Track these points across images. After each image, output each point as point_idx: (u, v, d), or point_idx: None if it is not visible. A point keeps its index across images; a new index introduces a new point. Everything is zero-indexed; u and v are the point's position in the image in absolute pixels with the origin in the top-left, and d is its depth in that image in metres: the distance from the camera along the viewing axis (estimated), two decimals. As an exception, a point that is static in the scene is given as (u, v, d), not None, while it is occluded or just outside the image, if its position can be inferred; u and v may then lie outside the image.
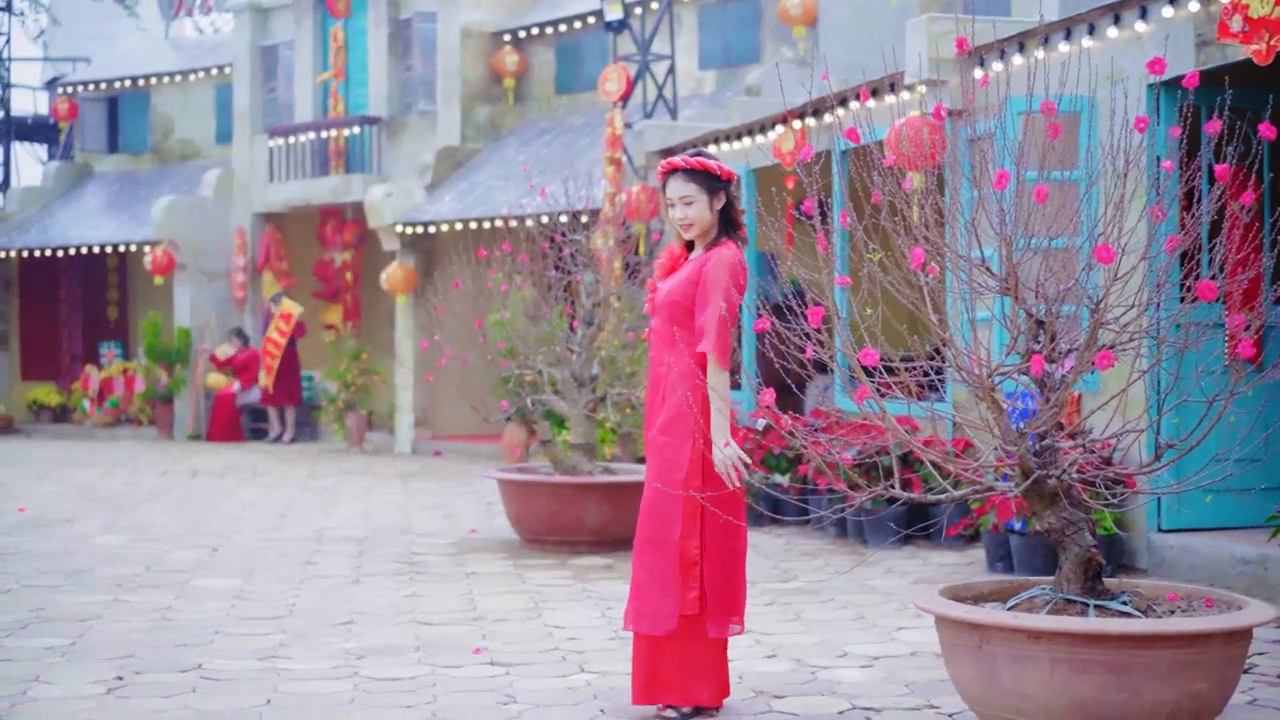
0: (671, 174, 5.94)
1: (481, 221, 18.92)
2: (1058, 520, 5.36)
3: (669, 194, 5.94)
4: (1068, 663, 5.00)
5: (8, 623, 7.90)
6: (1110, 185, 5.45)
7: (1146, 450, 7.53)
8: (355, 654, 7.12)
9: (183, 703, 6.16)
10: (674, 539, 5.76)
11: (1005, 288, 5.40)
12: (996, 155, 5.47)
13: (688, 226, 5.93)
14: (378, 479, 16.51)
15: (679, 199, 5.91)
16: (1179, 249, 5.26)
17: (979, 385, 5.18)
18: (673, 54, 17.81)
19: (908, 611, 8.13)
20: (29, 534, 11.54)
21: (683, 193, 5.91)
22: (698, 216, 5.91)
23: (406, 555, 10.44)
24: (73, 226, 25.43)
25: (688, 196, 5.90)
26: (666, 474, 5.78)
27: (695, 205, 5.89)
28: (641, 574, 5.81)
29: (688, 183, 5.91)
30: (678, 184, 5.92)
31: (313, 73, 23.30)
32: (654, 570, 5.77)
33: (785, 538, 11.15)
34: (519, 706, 6.10)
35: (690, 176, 5.91)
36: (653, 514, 5.82)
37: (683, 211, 5.91)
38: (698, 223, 5.92)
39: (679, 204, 5.91)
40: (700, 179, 5.90)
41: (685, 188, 5.91)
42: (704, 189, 5.90)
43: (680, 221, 5.93)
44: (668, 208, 5.98)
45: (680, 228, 5.96)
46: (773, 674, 6.65)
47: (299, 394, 22.95)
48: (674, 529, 5.76)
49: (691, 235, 5.97)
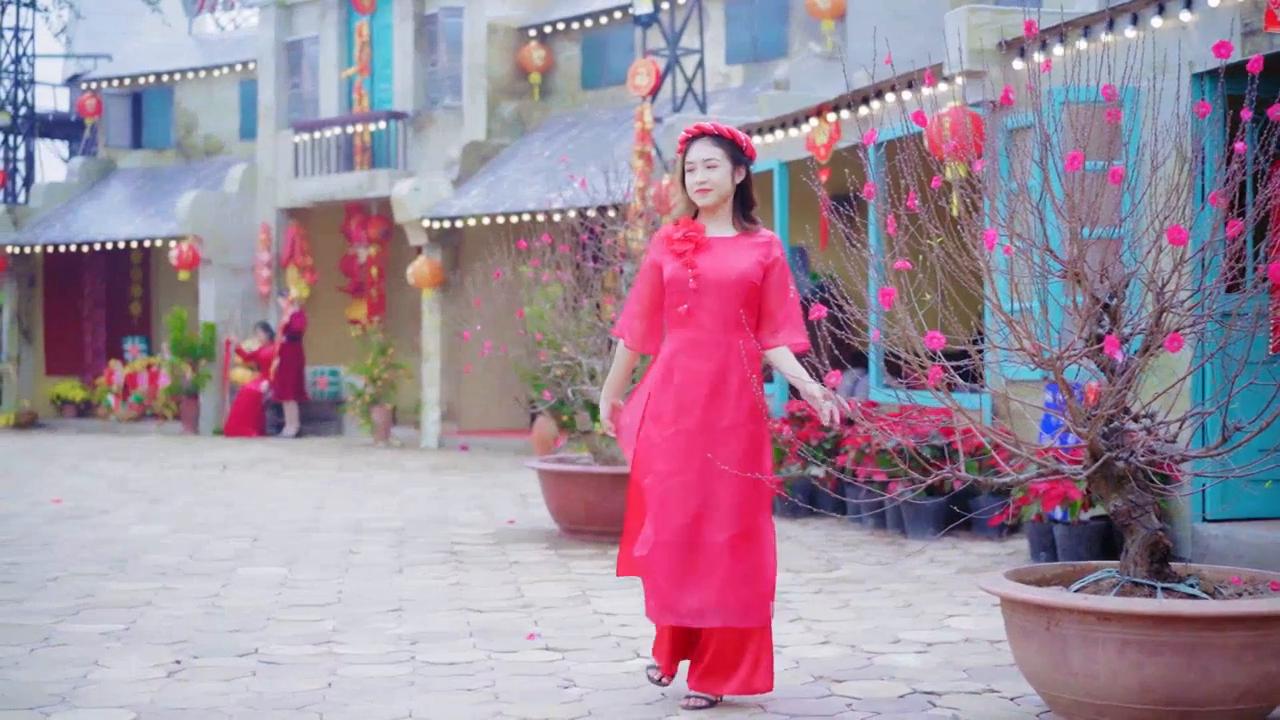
0: (697, 138, 5.78)
1: (509, 216, 18.95)
2: (1124, 503, 5.37)
3: (691, 157, 5.75)
4: (1138, 644, 5.01)
5: (59, 609, 7.94)
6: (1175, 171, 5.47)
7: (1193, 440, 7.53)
8: (409, 639, 7.14)
9: (244, 686, 6.18)
10: (767, 529, 5.73)
11: (1071, 271, 5.41)
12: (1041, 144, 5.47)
13: (705, 190, 5.72)
14: (407, 472, 16.54)
15: (702, 161, 5.72)
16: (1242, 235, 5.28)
17: (1049, 368, 5.18)
18: (702, 47, 17.82)
19: (955, 599, 8.14)
20: (68, 524, 11.58)
21: (707, 155, 5.72)
22: (719, 182, 5.72)
23: (447, 545, 10.47)
24: (97, 222, 25.50)
25: (712, 160, 5.72)
26: (756, 462, 5.70)
27: (718, 170, 5.72)
28: (739, 567, 5.64)
29: (714, 147, 5.74)
30: (703, 147, 5.74)
31: (338, 68, 23.34)
32: (751, 563, 5.66)
33: (823, 529, 11.16)
34: (579, 690, 6.11)
35: (717, 141, 5.76)
36: (746, 506, 5.67)
37: (704, 175, 5.71)
38: (717, 189, 5.73)
39: (700, 167, 5.72)
40: (727, 146, 5.76)
41: (711, 151, 5.73)
42: (729, 157, 5.75)
43: (699, 185, 5.72)
44: (685, 172, 5.76)
45: (697, 191, 5.73)
46: (828, 659, 6.66)
47: (302, 388, 23.00)
48: (766, 518, 5.74)
49: (708, 200, 5.74)
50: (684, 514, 5.65)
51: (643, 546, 5.71)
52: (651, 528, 5.69)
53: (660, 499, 5.69)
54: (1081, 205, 5.37)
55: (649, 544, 5.68)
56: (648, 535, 5.70)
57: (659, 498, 5.69)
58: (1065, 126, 5.57)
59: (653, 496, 5.70)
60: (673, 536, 5.65)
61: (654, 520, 5.69)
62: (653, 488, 5.71)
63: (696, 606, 5.63)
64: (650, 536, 5.69)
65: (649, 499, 5.73)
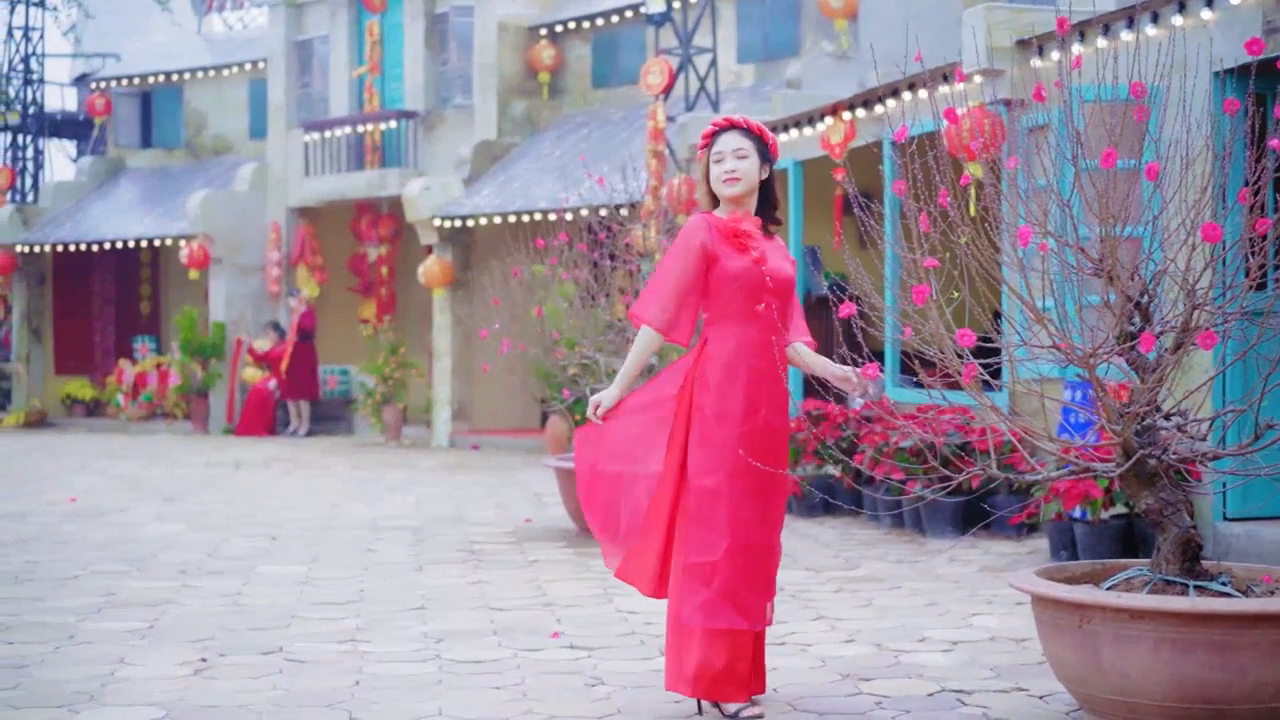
0: (725, 130, 5.72)
1: (520, 215, 18.94)
2: (1156, 501, 5.36)
3: (721, 147, 5.67)
4: (1172, 642, 4.99)
5: (81, 606, 7.94)
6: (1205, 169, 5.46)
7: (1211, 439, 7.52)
8: (434, 637, 7.14)
9: (272, 683, 6.18)
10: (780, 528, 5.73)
11: (1102, 269, 5.40)
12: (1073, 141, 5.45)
13: (735, 180, 5.65)
14: (420, 471, 16.55)
15: (732, 152, 5.66)
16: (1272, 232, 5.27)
17: (1083, 366, 5.17)
18: (714, 46, 17.82)
19: (978, 598, 8.13)
20: (85, 522, 11.59)
21: (738, 145, 5.66)
22: (748, 172, 5.66)
23: (465, 543, 10.47)
24: (106, 221, 25.51)
25: (743, 150, 5.67)
26: (784, 459, 5.71)
27: (748, 160, 5.66)
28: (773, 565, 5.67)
29: (745, 138, 5.71)
30: (735, 137, 5.68)
31: (348, 67, 23.35)
32: (771, 566, 5.66)
33: (839, 528, 11.15)
34: (607, 688, 6.11)
35: (747, 135, 5.73)
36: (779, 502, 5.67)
37: (734, 164, 5.64)
38: (746, 179, 5.66)
39: (731, 157, 5.65)
40: (755, 140, 5.72)
41: (743, 141, 5.67)
42: (756, 150, 5.71)
43: (729, 175, 5.64)
44: (712, 163, 5.70)
45: (725, 180, 5.65)
46: (855, 658, 6.65)
47: (315, 388, 23.01)
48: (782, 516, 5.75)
49: (736, 190, 5.66)
50: (755, 516, 5.56)
51: (709, 552, 5.48)
52: (721, 532, 5.50)
53: (735, 500, 5.52)
54: (1113, 203, 5.36)
55: (720, 549, 5.48)
56: (713, 540, 5.49)
57: (733, 499, 5.51)
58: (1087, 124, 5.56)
59: (722, 499, 5.50)
60: (748, 540, 5.53)
61: (728, 523, 5.50)
62: (722, 490, 5.51)
63: (757, 609, 5.59)
64: (721, 541, 5.49)
65: (715, 501, 5.51)
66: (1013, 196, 5.76)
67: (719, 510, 5.51)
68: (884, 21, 17.66)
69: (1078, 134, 5.44)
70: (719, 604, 5.47)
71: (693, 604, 5.47)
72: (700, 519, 5.52)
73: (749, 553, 5.53)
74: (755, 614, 5.57)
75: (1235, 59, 8.35)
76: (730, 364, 5.59)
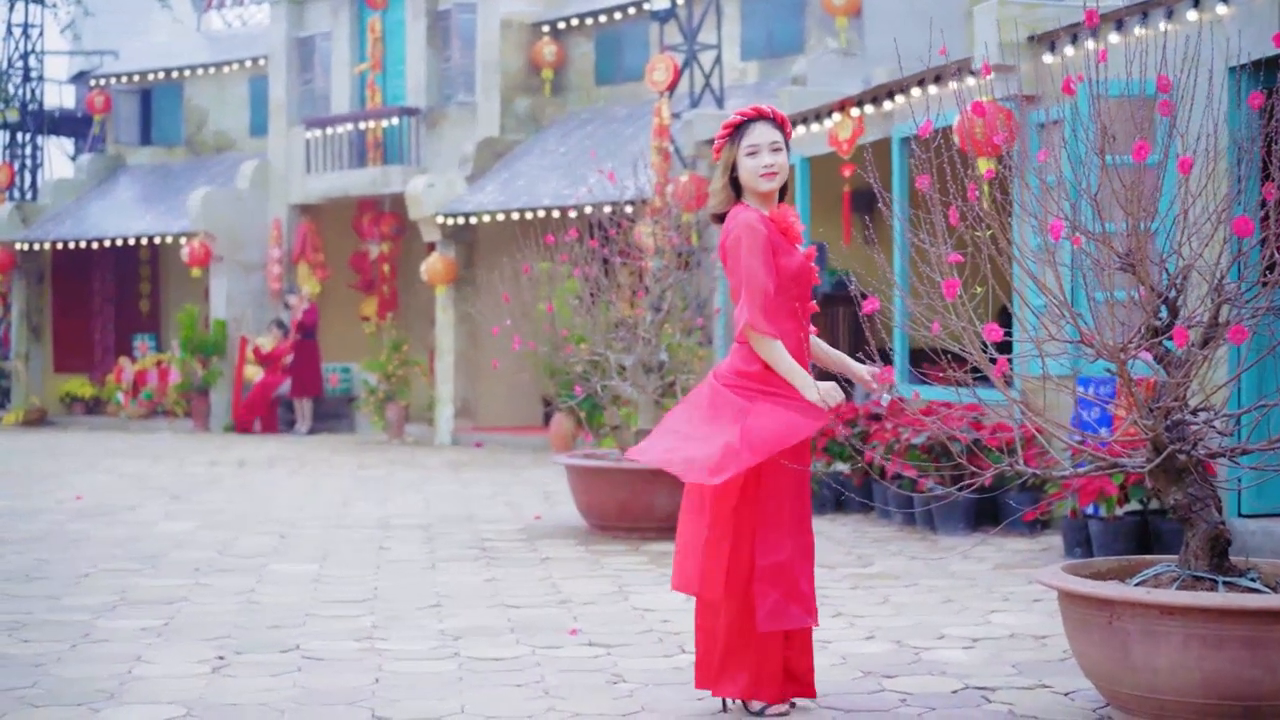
0: (755, 120, 5.60)
1: (524, 212, 18.90)
2: (1185, 496, 5.34)
3: (755, 139, 5.56)
4: (1202, 638, 4.97)
5: (95, 604, 7.90)
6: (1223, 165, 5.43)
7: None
8: (452, 635, 7.11)
9: (291, 681, 6.15)
10: None
11: (1130, 263, 5.37)
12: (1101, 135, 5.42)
13: (772, 175, 5.56)
14: (427, 469, 16.51)
15: (768, 144, 5.56)
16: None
17: (1114, 360, 5.14)
18: (719, 42, 17.79)
19: (995, 594, 8.10)
20: (94, 521, 11.55)
21: (773, 139, 5.57)
22: (784, 166, 5.60)
23: (477, 541, 10.43)
24: (106, 219, 25.45)
25: (778, 143, 5.57)
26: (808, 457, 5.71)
27: (783, 154, 5.60)
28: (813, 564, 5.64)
29: (777, 130, 5.60)
30: (766, 129, 5.58)
31: (350, 64, 23.31)
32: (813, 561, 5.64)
33: (850, 525, 11.12)
34: (629, 685, 6.08)
35: (776, 124, 5.64)
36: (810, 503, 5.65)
37: (772, 158, 5.55)
38: (783, 172, 5.60)
39: (767, 150, 5.55)
40: (783, 132, 5.65)
41: (776, 134, 5.59)
42: (785, 142, 5.64)
43: (767, 169, 5.55)
44: (745, 155, 5.56)
45: (763, 176, 5.56)
46: (876, 655, 6.63)
47: (318, 386, 22.96)
48: None
49: (774, 185, 5.59)
50: (804, 513, 5.58)
51: (777, 552, 5.45)
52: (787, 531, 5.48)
53: (795, 500, 5.51)
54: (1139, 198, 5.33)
55: (785, 549, 5.46)
56: (779, 541, 5.47)
57: (794, 500, 5.51)
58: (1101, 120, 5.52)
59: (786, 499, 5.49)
60: (800, 539, 5.54)
61: (792, 522, 5.50)
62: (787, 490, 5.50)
63: (814, 606, 5.58)
64: (785, 541, 5.47)
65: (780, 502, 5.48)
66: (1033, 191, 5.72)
67: (785, 511, 5.50)
68: (887, 18, 17.63)
69: (1104, 127, 5.41)
70: (787, 605, 5.46)
71: (765, 608, 5.43)
72: (769, 521, 5.48)
73: (805, 551, 5.55)
74: (813, 611, 5.57)
75: (1250, 54, 8.33)
76: None
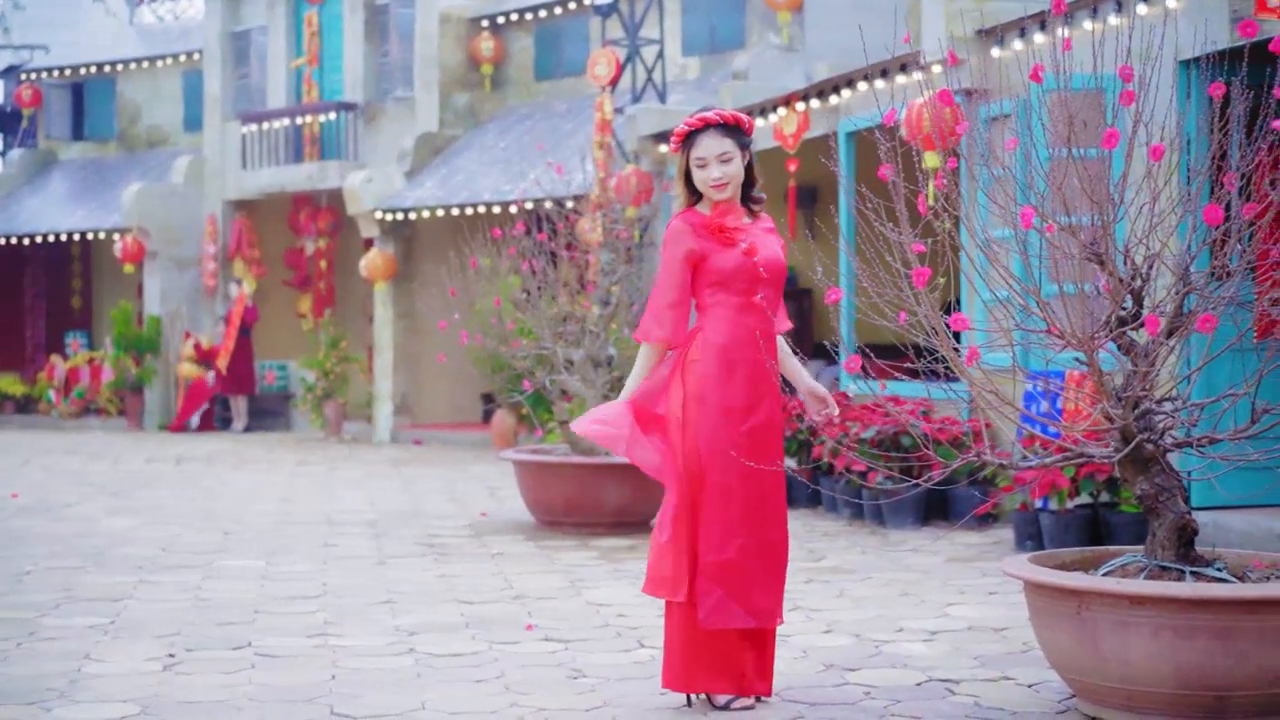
0: (702, 131, 5.43)
1: (464, 208, 18.77)
2: (1151, 486, 5.33)
3: (702, 152, 5.41)
4: (1173, 628, 4.96)
5: (40, 602, 7.75)
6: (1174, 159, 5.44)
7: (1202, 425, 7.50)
8: (407, 631, 7.02)
9: (247, 678, 6.04)
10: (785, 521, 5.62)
11: (1096, 252, 5.35)
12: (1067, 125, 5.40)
13: (723, 186, 5.42)
14: (368, 465, 16.36)
15: (716, 157, 5.40)
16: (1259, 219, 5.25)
17: (1084, 350, 5.13)
18: (661, 38, 17.73)
19: (951, 587, 8.09)
20: (34, 518, 11.35)
21: (722, 149, 5.40)
22: (735, 174, 5.43)
23: (425, 537, 10.32)
24: (38, 215, 25.10)
25: (727, 153, 5.41)
26: (780, 452, 5.63)
27: (733, 163, 5.43)
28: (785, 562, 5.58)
29: (725, 138, 5.42)
30: (715, 140, 5.42)
31: (286, 58, 23.07)
32: (781, 561, 5.56)
33: (799, 519, 11.08)
34: (590, 680, 6.01)
35: (725, 131, 5.44)
36: (781, 501, 5.54)
37: (721, 170, 5.40)
38: (734, 181, 5.44)
39: (715, 163, 5.40)
40: (735, 134, 5.46)
41: (724, 143, 5.41)
42: (738, 144, 5.46)
43: (717, 181, 5.41)
44: (695, 167, 5.44)
45: (713, 188, 5.42)
46: (836, 648, 6.59)
47: (252, 383, 22.72)
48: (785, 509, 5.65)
49: (726, 195, 5.44)
50: (760, 512, 5.43)
51: (721, 551, 5.36)
52: (733, 530, 5.38)
53: (744, 498, 5.40)
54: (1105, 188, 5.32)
55: (731, 548, 5.37)
56: (723, 540, 5.37)
57: (743, 498, 5.39)
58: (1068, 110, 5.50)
59: (733, 497, 5.38)
60: (754, 537, 5.42)
61: (741, 521, 5.39)
62: (734, 487, 5.39)
63: (767, 606, 5.46)
64: (730, 540, 5.37)
65: (725, 499, 5.38)
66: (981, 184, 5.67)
67: (732, 509, 5.39)
68: (829, 13, 17.65)
69: (1070, 118, 5.39)
70: (729, 605, 5.37)
71: (706, 606, 5.35)
72: (713, 518, 5.39)
73: (753, 551, 5.42)
74: (767, 612, 5.47)
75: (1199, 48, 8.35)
76: (727, 358, 5.45)
